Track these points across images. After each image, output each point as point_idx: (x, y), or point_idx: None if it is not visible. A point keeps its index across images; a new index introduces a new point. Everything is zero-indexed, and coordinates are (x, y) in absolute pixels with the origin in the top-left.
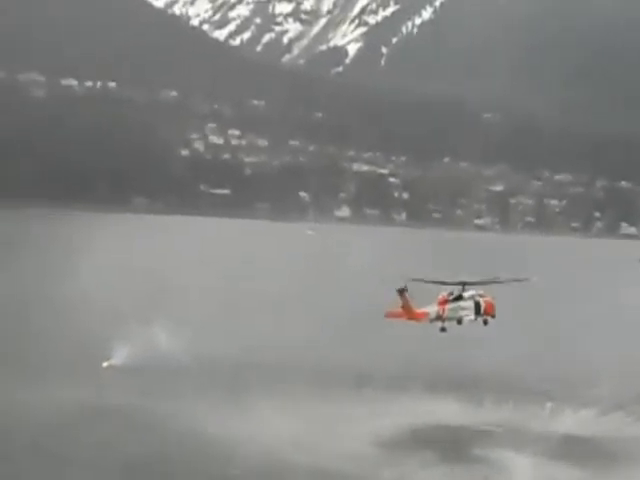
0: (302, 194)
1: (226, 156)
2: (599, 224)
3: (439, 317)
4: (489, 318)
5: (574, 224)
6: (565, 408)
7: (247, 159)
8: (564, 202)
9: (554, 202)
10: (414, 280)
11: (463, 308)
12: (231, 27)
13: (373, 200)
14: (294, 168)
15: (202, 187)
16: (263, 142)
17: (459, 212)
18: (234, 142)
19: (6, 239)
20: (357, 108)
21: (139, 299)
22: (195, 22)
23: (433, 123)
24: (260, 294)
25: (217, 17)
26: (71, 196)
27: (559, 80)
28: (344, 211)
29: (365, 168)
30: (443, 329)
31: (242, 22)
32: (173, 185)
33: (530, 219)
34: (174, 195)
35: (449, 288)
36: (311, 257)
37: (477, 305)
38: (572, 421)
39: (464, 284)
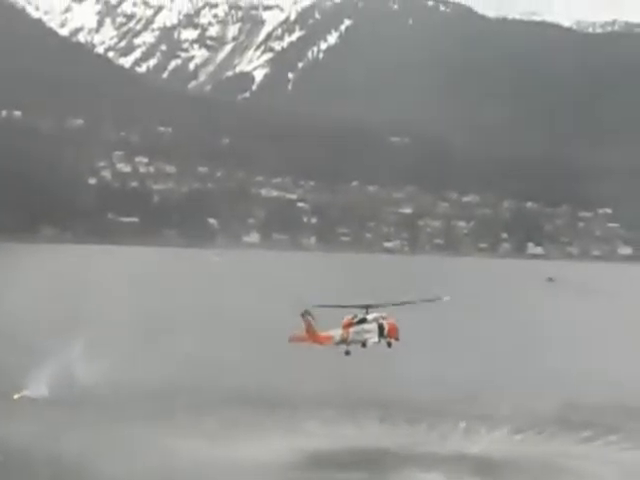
0: (211, 220)
1: (134, 184)
2: (506, 245)
3: (343, 340)
4: (393, 340)
5: (482, 245)
6: (479, 427)
7: (155, 186)
8: (472, 223)
9: (462, 223)
10: (317, 306)
11: (367, 331)
12: (137, 54)
13: (282, 225)
14: (202, 194)
15: (110, 215)
16: (171, 169)
17: (368, 235)
18: (142, 169)
19: None
20: (265, 133)
21: (50, 328)
22: (100, 50)
23: (341, 147)
24: (164, 319)
25: (122, 44)
26: None
27: (465, 103)
28: (253, 237)
29: (274, 193)
30: (347, 352)
31: (148, 49)
32: (81, 214)
33: (438, 241)
34: (82, 224)
35: (354, 311)
36: (214, 282)
37: (381, 328)
38: (486, 441)
39: (367, 307)
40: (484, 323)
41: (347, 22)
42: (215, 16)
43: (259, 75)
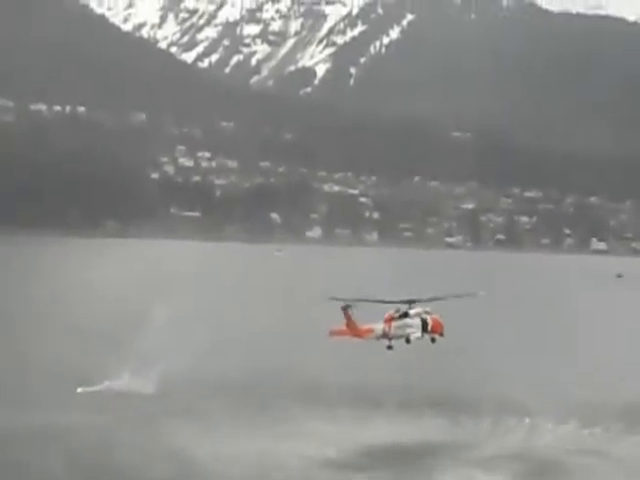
0: (273, 215)
1: (196, 178)
2: (569, 240)
3: (385, 335)
4: (437, 336)
5: (544, 240)
6: (544, 423)
7: (217, 181)
8: (534, 219)
9: (524, 219)
10: (358, 301)
11: (409, 325)
12: (199, 49)
13: (344, 220)
14: (265, 189)
15: (173, 210)
16: (233, 164)
17: (430, 230)
18: (204, 164)
19: None
20: (327, 128)
21: (114, 324)
22: (163, 45)
23: (403, 142)
24: (225, 313)
25: (185, 39)
26: (43, 221)
27: (528, 98)
28: (315, 231)
29: (336, 188)
30: (390, 347)
31: (210, 44)
32: (144, 208)
33: (500, 236)
34: (145, 218)
35: (397, 306)
36: (275, 276)
37: (424, 323)
38: (552, 436)
39: (410, 302)
40: (562, 319)
41: (409, 17)
42: (277, 11)
43: (321, 70)
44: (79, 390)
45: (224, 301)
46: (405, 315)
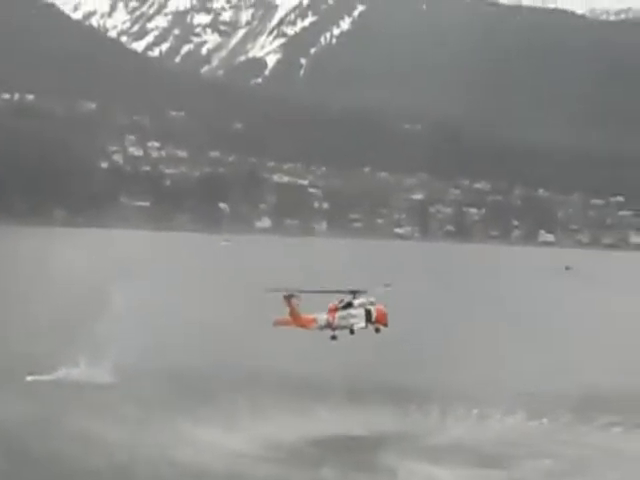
0: (222, 205)
1: (146, 168)
2: (517, 232)
3: (329, 325)
4: (381, 327)
5: (493, 232)
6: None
7: (167, 170)
8: (483, 210)
9: (473, 210)
10: (301, 292)
11: (353, 316)
12: (149, 38)
13: (293, 211)
14: (214, 179)
15: (122, 199)
16: (183, 153)
17: (379, 221)
18: (154, 154)
19: None
20: (277, 119)
21: (62, 312)
22: (113, 34)
23: (352, 134)
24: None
25: (135, 28)
26: None
27: (476, 89)
28: (265, 222)
29: (285, 179)
30: (334, 337)
31: (160, 33)
32: (93, 197)
33: (450, 227)
34: (94, 207)
35: (341, 296)
36: (218, 266)
37: (368, 313)
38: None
39: (354, 292)
40: (511, 312)
41: (360, 7)
42: (228, 1)
43: (271, 60)
44: (28, 378)
45: (171, 291)
46: (349, 305)
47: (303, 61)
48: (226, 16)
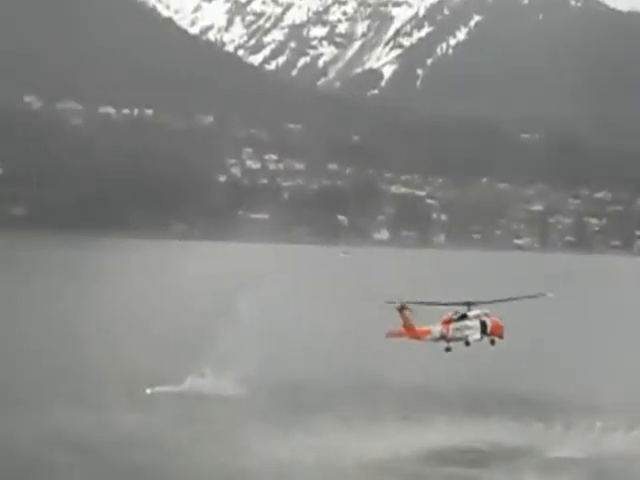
0: (340, 217)
1: (264, 181)
2: None
3: (443, 336)
4: (496, 338)
5: (614, 242)
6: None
7: (285, 183)
8: (604, 220)
9: (593, 220)
10: (414, 303)
11: (468, 327)
12: (266, 52)
13: (411, 222)
14: (332, 192)
15: (240, 212)
16: (300, 166)
17: (498, 232)
18: (271, 167)
19: (44, 265)
20: (394, 130)
21: (182, 326)
22: (230, 48)
23: (470, 144)
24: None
25: (252, 42)
26: (109, 223)
27: (598, 99)
28: (383, 234)
29: (403, 190)
30: (448, 349)
31: (277, 46)
32: (211, 211)
33: (570, 238)
34: (212, 221)
35: (455, 308)
36: (338, 278)
37: (483, 324)
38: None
39: (469, 304)
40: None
41: (476, 18)
42: (344, 13)
43: (388, 72)
44: (148, 391)
45: (291, 302)
46: (464, 317)
47: (419, 72)
48: (342, 28)
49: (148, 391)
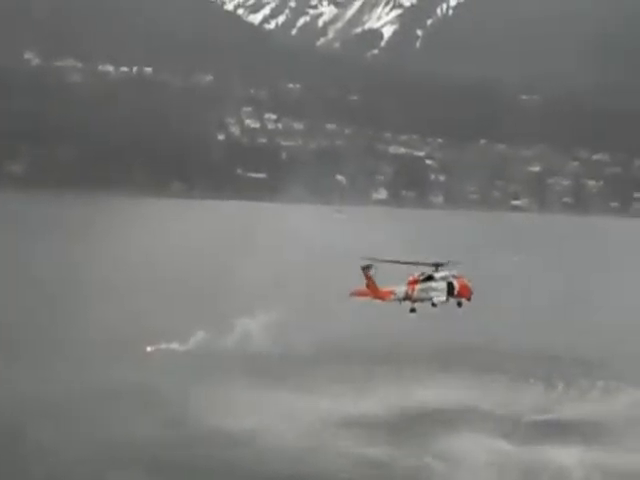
0: (339, 177)
1: (262, 140)
2: (637, 204)
3: (407, 297)
4: (464, 300)
5: (612, 204)
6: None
7: (283, 143)
8: (601, 182)
9: (592, 182)
10: (383, 261)
11: (433, 289)
12: (265, 11)
13: (410, 182)
14: (330, 151)
15: (239, 171)
16: (299, 126)
17: (496, 193)
18: (270, 126)
19: (46, 223)
20: (393, 91)
21: (184, 283)
22: (229, 7)
23: (469, 105)
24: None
25: (251, 1)
26: (108, 181)
27: (598, 60)
28: (381, 193)
29: (401, 150)
30: (413, 310)
31: (276, 6)
32: (210, 169)
33: (567, 199)
34: (211, 179)
35: (423, 269)
36: (327, 238)
37: (450, 286)
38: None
39: (437, 265)
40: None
41: None
42: None
43: (388, 32)
44: (148, 349)
45: (282, 261)
46: (430, 278)
47: (419, 32)
48: None
49: (149, 349)
